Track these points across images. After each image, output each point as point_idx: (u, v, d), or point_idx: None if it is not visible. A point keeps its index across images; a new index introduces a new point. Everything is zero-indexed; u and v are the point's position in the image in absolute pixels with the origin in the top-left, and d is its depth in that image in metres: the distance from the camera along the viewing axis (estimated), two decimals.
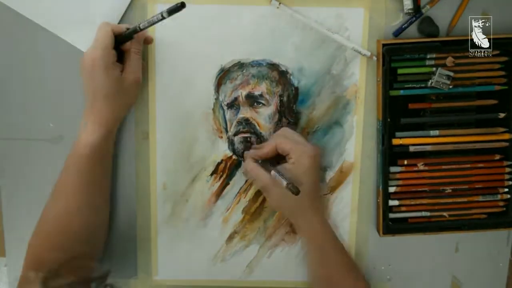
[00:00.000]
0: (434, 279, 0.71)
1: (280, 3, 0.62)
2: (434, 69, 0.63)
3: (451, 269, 0.71)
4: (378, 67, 0.64)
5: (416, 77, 0.64)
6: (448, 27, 0.64)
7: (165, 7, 0.62)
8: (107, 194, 0.64)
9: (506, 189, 0.67)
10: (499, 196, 0.67)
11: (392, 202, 0.67)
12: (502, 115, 0.65)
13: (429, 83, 0.63)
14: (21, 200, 0.68)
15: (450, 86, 0.64)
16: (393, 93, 0.64)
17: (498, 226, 0.68)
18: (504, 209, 0.67)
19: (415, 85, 0.64)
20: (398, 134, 0.65)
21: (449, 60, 0.63)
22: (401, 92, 0.64)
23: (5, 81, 0.65)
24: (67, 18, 0.63)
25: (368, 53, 0.63)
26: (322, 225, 0.63)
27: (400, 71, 0.64)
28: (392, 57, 0.63)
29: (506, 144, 0.66)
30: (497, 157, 0.66)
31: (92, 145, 0.58)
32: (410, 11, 0.62)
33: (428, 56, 0.63)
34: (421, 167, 0.66)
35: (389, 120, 0.64)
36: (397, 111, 0.65)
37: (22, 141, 0.66)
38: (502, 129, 0.65)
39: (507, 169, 0.66)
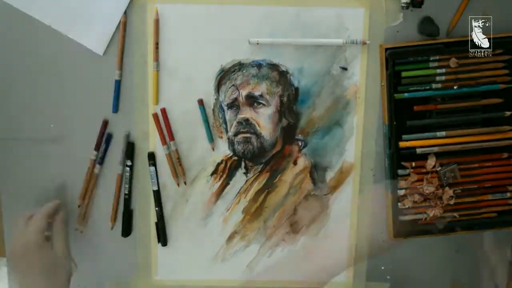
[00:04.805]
0: (434, 279, 0.71)
1: (258, 41, 0.63)
2: (437, 70, 0.63)
3: (451, 269, 0.71)
4: (382, 71, 0.64)
5: (420, 80, 0.64)
6: (448, 27, 0.64)
7: (164, 7, 0.63)
8: None
9: None
10: (508, 194, 0.67)
11: (402, 205, 0.67)
12: (508, 113, 0.65)
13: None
14: (21, 200, 0.67)
15: (455, 87, 0.64)
16: (398, 96, 0.64)
17: (509, 224, 0.68)
18: None
19: (419, 88, 0.64)
20: (404, 136, 0.65)
21: (453, 61, 0.63)
22: (406, 95, 0.64)
23: (6, 81, 0.65)
24: (67, 17, 0.63)
25: (360, 40, 0.63)
26: None
27: (404, 74, 0.64)
28: (396, 61, 0.63)
29: None
30: (505, 155, 0.66)
31: None
32: (405, 5, 0.63)
33: (431, 58, 0.63)
34: (429, 169, 0.66)
35: (395, 123, 0.64)
36: (403, 114, 0.65)
37: (23, 141, 0.66)
38: (508, 127, 0.65)
39: None
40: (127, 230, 0.68)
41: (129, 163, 0.66)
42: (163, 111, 0.65)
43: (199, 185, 0.68)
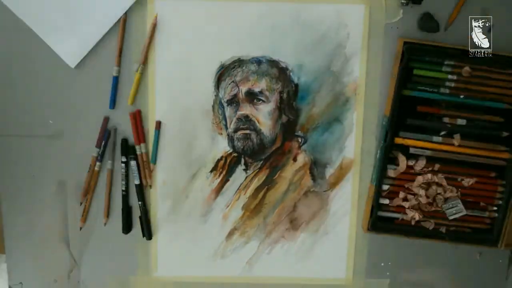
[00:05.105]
0: (433, 275, 0.71)
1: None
2: (449, 76, 0.63)
3: (451, 266, 0.71)
4: (395, 64, 0.64)
5: (430, 81, 0.63)
6: (446, 23, 0.64)
7: (164, 3, 0.63)
8: None
9: (495, 208, 0.67)
10: (486, 213, 0.67)
11: (383, 200, 0.67)
12: (505, 133, 0.65)
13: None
14: (20, 197, 0.67)
15: (461, 96, 0.63)
16: (406, 92, 0.64)
17: (482, 243, 0.67)
18: (489, 227, 0.67)
19: (427, 88, 0.64)
20: (402, 133, 0.65)
21: (465, 70, 0.62)
22: (413, 93, 0.64)
23: (5, 78, 0.65)
24: (68, 15, 0.63)
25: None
26: None
27: (416, 71, 0.63)
28: (411, 57, 0.63)
29: (504, 163, 0.65)
30: (493, 174, 0.66)
31: None
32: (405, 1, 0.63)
33: (446, 62, 0.63)
34: (417, 170, 0.66)
35: (395, 117, 0.64)
36: (404, 111, 0.65)
37: (22, 137, 0.66)
38: (503, 148, 0.65)
39: (500, 188, 0.66)
40: (127, 227, 0.68)
41: (123, 159, 0.66)
42: (138, 112, 0.65)
43: (199, 181, 0.68)
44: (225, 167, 0.68)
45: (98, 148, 0.66)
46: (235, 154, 0.67)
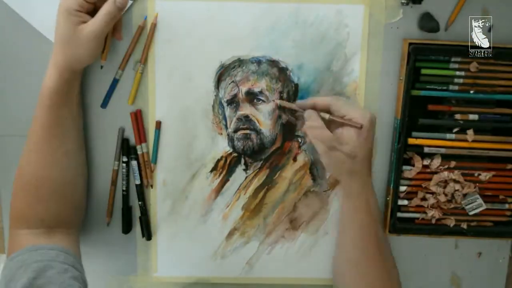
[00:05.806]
0: (433, 275, 0.71)
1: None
2: (457, 72, 0.63)
3: (450, 265, 0.71)
4: (402, 66, 0.64)
5: (438, 79, 0.64)
6: (446, 23, 0.64)
7: (164, 3, 0.63)
8: (79, 140, 0.63)
9: None
10: (506, 206, 0.67)
11: (401, 202, 0.67)
12: None
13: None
14: None
15: (471, 91, 0.64)
16: (415, 92, 0.64)
17: (504, 235, 0.68)
18: (511, 219, 0.68)
19: (436, 87, 0.64)
20: (415, 134, 0.65)
21: (473, 66, 0.63)
22: (422, 92, 0.64)
23: (2, 78, 0.65)
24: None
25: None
26: (372, 188, 0.63)
27: (423, 71, 0.63)
28: (417, 57, 0.63)
29: None
30: (509, 166, 0.66)
31: (50, 89, 0.58)
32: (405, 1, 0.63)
33: (453, 60, 0.63)
34: (433, 169, 0.66)
35: (407, 119, 0.64)
36: (415, 111, 0.65)
37: (22, 137, 0.66)
38: None
39: None
40: (127, 227, 0.68)
41: (124, 159, 0.66)
42: (139, 112, 0.65)
43: (199, 181, 0.68)
44: (225, 167, 0.68)
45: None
46: (235, 154, 0.67)
